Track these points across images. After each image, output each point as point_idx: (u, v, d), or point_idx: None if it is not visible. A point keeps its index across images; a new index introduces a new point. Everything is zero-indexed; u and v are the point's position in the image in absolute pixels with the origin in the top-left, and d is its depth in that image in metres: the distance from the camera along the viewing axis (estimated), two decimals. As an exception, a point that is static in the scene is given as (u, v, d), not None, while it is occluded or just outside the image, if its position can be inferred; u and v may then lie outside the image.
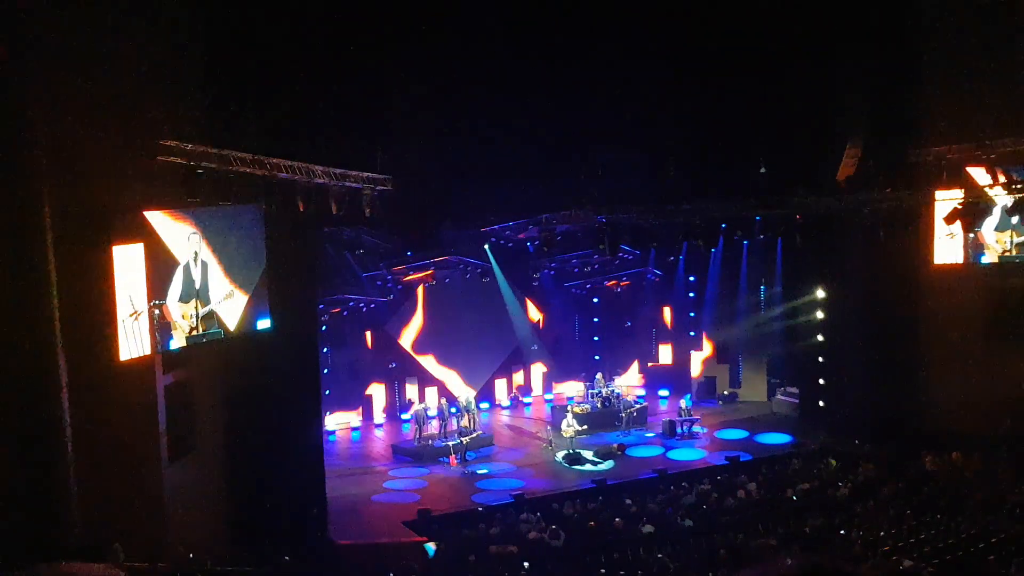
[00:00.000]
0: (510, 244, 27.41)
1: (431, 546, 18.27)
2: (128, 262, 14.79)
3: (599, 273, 30.49)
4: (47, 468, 14.65)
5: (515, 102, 21.55)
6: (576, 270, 30.07)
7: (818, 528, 18.08)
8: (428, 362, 28.61)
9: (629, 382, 31.06)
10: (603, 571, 16.27)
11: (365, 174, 18.46)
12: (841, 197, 21.23)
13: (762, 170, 22.94)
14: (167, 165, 15.28)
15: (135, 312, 14.84)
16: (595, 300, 31.33)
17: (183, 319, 15.87)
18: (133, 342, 14.84)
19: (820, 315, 26.31)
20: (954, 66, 22.49)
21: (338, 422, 27.00)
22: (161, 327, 15.38)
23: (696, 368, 30.34)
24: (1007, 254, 21.70)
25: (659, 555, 17.35)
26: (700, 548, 17.97)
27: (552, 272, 29.85)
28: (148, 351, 15.26)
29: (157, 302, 15.25)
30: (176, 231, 15.77)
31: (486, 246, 27.15)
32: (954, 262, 22.03)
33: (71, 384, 14.79)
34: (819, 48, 22.33)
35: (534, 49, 21.26)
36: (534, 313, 30.37)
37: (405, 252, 26.41)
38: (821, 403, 26.14)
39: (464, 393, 27.38)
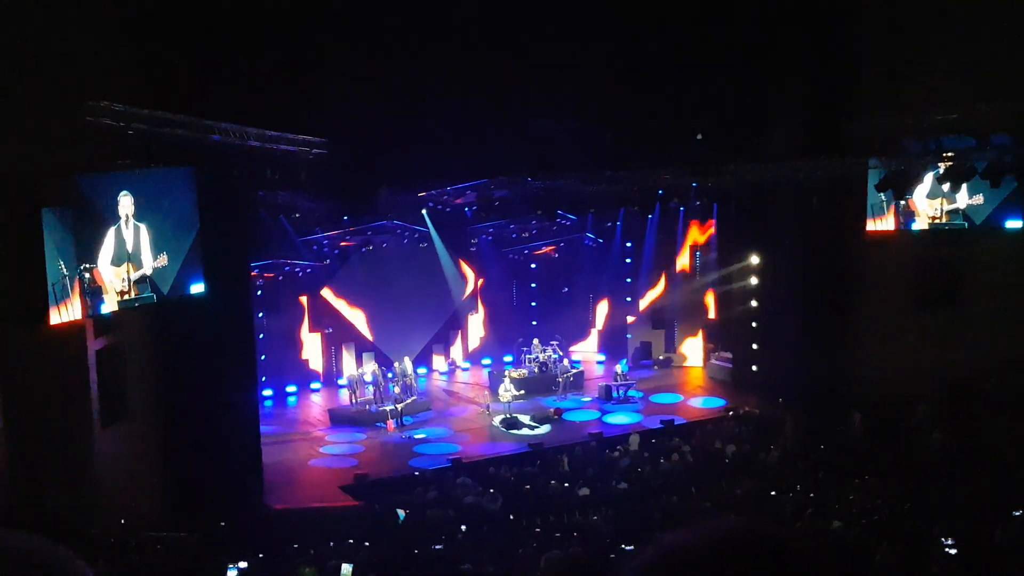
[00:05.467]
0: (448, 209, 27.27)
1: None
2: (57, 225, 14.48)
3: (537, 239, 30.51)
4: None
5: (453, 66, 21.38)
6: (514, 236, 30.06)
7: (749, 491, 18.42)
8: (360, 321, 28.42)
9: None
10: (538, 532, 16.43)
11: (300, 137, 18.20)
12: (776, 165, 21.45)
13: (699, 137, 23.10)
14: (97, 126, 14.94)
15: (65, 276, 14.55)
16: (533, 266, 31.37)
17: (116, 281, 15.58)
18: (63, 306, 14.56)
19: (754, 281, 26.65)
20: (889, 37, 22.79)
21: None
22: (92, 291, 15.10)
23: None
24: (937, 221, 22.12)
25: (594, 517, 17.58)
26: (635, 511, 18.22)
27: (490, 238, 29.80)
28: (79, 315, 15.00)
29: (88, 266, 14.97)
30: (107, 194, 15.46)
31: (424, 211, 26.98)
32: (885, 229, 22.41)
33: (-2, 349, 14.52)
34: (757, 17, 22.47)
35: (473, 14, 21.07)
36: (471, 278, 30.28)
37: (342, 217, 26.14)
38: (754, 368, 26.55)
39: (401, 358, 27.26)
